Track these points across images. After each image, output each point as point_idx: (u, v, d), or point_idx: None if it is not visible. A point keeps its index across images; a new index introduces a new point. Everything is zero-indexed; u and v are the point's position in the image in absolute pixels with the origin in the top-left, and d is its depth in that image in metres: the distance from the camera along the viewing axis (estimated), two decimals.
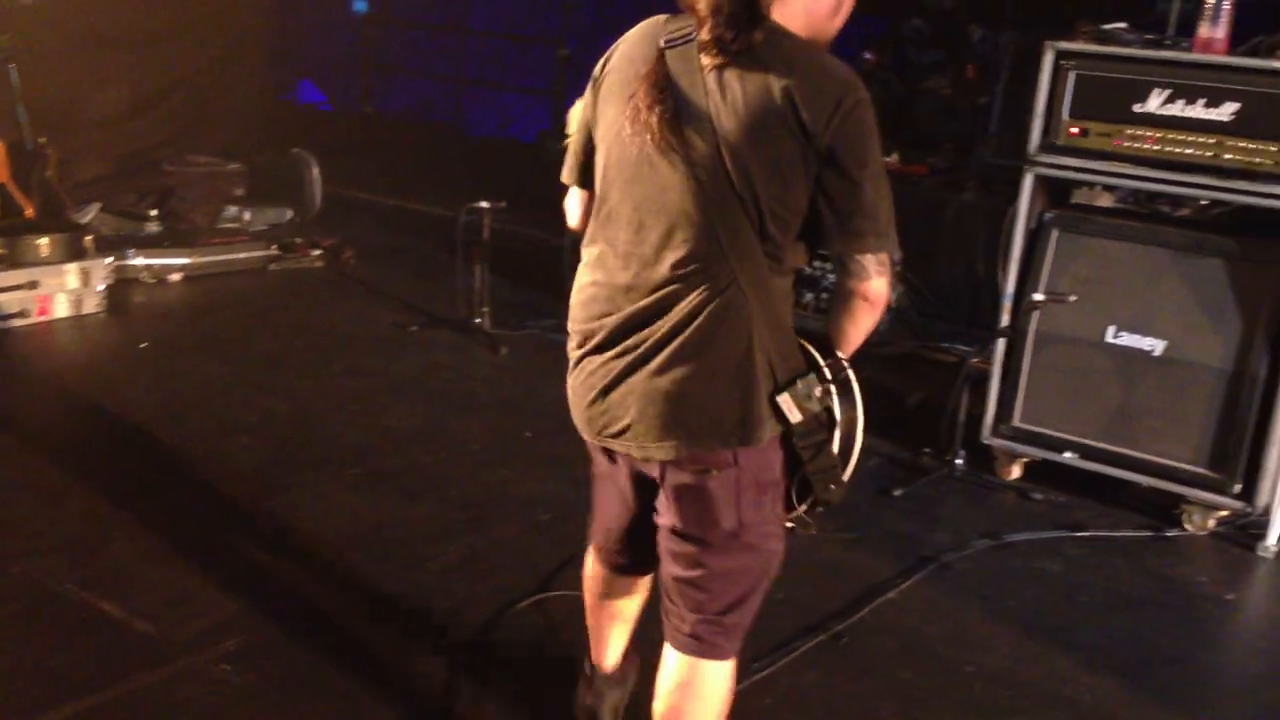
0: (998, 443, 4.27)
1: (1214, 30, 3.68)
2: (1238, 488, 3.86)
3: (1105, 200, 4.40)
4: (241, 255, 6.15)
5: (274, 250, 6.26)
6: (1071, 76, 3.88)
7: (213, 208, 6.40)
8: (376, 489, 3.89)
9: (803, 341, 2.09)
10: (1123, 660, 3.22)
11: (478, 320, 5.36)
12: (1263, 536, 3.87)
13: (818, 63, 1.95)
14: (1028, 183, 4.04)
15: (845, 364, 2.09)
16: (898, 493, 4.12)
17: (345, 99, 10.53)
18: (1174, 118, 3.75)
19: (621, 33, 2.13)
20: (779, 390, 2.00)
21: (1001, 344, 4.18)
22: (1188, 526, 3.98)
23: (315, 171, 6.89)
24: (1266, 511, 3.86)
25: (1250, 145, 3.64)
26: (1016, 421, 4.22)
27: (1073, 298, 3.98)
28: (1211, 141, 3.70)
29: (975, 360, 4.31)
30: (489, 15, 10.20)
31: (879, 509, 4.02)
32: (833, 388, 2.06)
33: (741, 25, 1.91)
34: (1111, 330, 4.00)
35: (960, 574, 3.63)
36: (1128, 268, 3.97)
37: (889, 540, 3.81)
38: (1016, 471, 4.31)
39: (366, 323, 5.59)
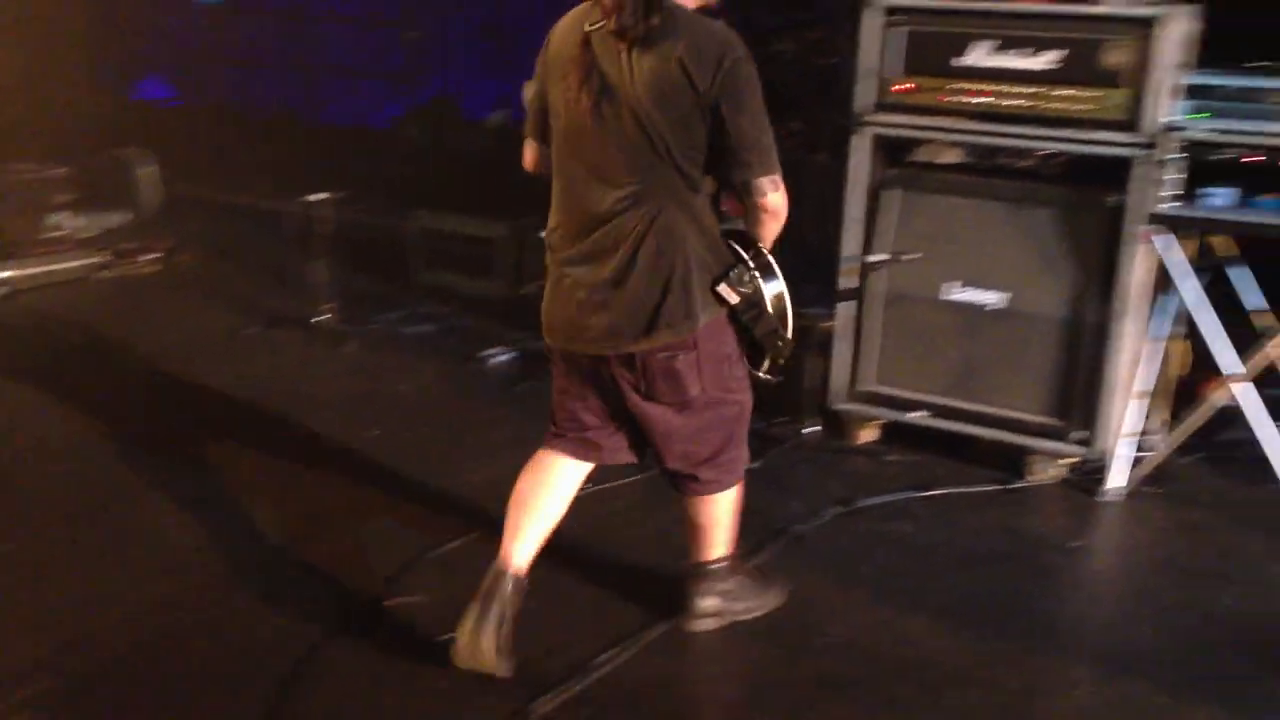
0: (849, 407, 4.24)
1: None
2: (1080, 435, 3.88)
3: (951, 156, 4.38)
4: (68, 265, 5.83)
5: (105, 257, 5.94)
6: (897, 32, 3.83)
7: (33, 216, 6.05)
8: (209, 504, 3.69)
9: (730, 241, 2.67)
10: (972, 618, 3.20)
11: (322, 317, 5.16)
12: (1104, 481, 3.90)
13: (702, 30, 2.51)
14: (861, 142, 4.00)
15: (765, 251, 2.67)
16: (751, 466, 4.04)
17: (197, 94, 10.11)
18: (999, 69, 3.73)
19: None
20: (716, 282, 2.62)
21: (846, 306, 4.14)
22: (1035, 477, 4.00)
23: (149, 171, 6.56)
24: (1108, 456, 3.89)
25: (1072, 93, 3.64)
26: (867, 385, 4.20)
27: (910, 256, 3.95)
28: (1035, 91, 3.69)
29: (823, 324, 4.25)
30: (339, 1, 9.87)
31: None
32: (757, 272, 2.64)
33: (639, 17, 2.46)
34: (954, 286, 3.98)
35: (812, 545, 3.58)
36: (966, 223, 3.95)
37: (741, 515, 3.73)
38: (872, 435, 4.29)
39: (202, 328, 5.35)
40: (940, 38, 3.78)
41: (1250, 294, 4.01)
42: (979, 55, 3.74)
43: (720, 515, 2.97)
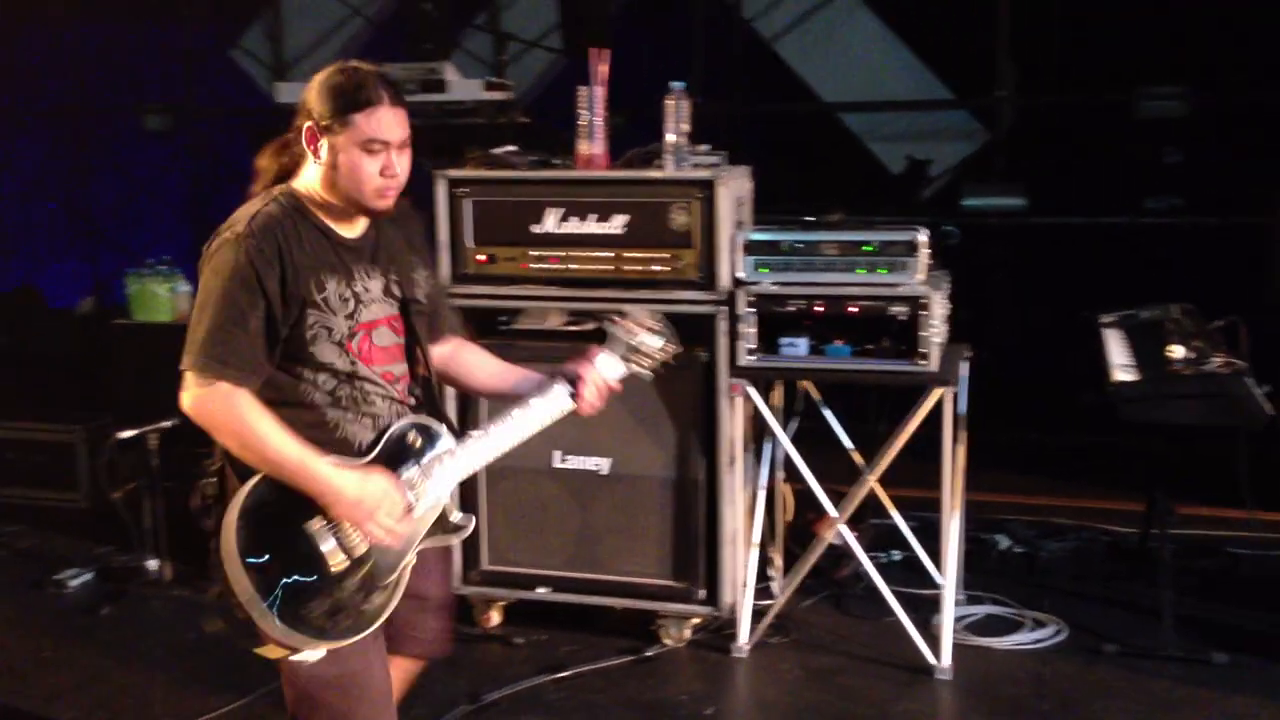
0: (469, 590, 3.98)
1: (592, 146, 3.69)
2: (702, 593, 3.82)
3: (556, 321, 4.29)
4: None
5: None
6: (468, 204, 3.75)
7: None
8: None
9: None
10: None
11: None
12: (734, 637, 3.84)
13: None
14: None
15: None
16: None
17: None
18: (572, 235, 3.71)
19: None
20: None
21: None
22: (667, 641, 3.88)
23: None
24: (734, 611, 3.85)
25: (643, 254, 3.66)
26: (485, 565, 3.97)
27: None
28: (609, 254, 3.68)
29: None
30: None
31: None
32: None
33: None
34: (558, 455, 3.86)
35: None
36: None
37: None
38: (496, 618, 4.05)
39: None
40: (510, 206, 3.74)
41: (841, 434, 4.14)
42: (553, 222, 3.70)
43: None
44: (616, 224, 3.66)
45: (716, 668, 3.79)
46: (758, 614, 3.89)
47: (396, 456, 2.35)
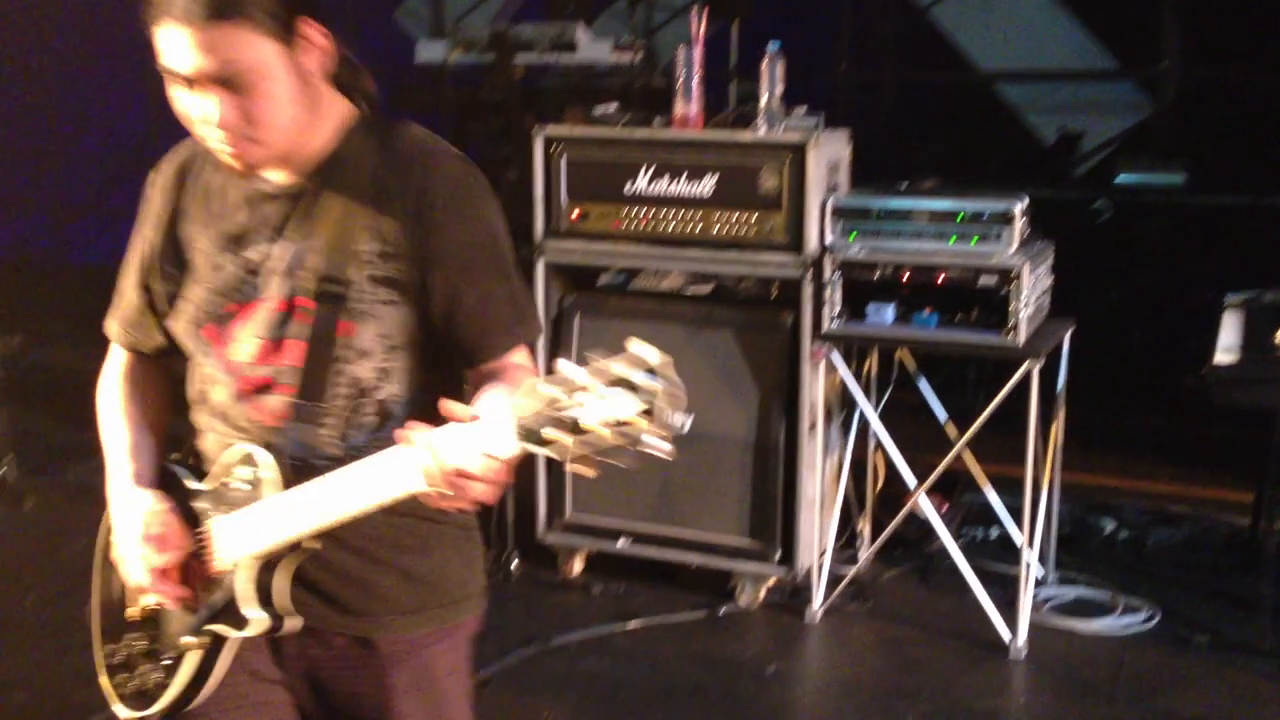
0: (555, 539, 4.11)
1: (687, 106, 3.72)
2: (778, 555, 3.84)
3: (675, 282, 4.35)
4: None
5: None
6: (564, 161, 3.83)
7: None
8: None
9: None
10: None
11: None
12: (809, 601, 3.85)
13: None
14: (538, 270, 3.95)
15: None
16: None
17: None
18: (662, 194, 3.75)
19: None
20: None
21: None
22: (741, 600, 3.92)
23: None
24: (809, 575, 3.86)
25: (732, 216, 3.68)
26: (569, 514, 4.08)
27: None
28: (698, 215, 3.71)
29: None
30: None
31: None
32: None
33: None
34: None
35: (496, 689, 3.40)
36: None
37: None
38: (578, 566, 4.16)
39: None
40: (604, 165, 3.79)
41: (936, 406, 4.08)
42: (645, 181, 3.75)
43: None
44: (706, 184, 3.69)
45: (787, 629, 3.81)
46: (836, 580, 3.89)
47: (173, 488, 1.73)
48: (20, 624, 3.74)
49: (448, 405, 1.40)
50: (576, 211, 3.85)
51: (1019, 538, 4.01)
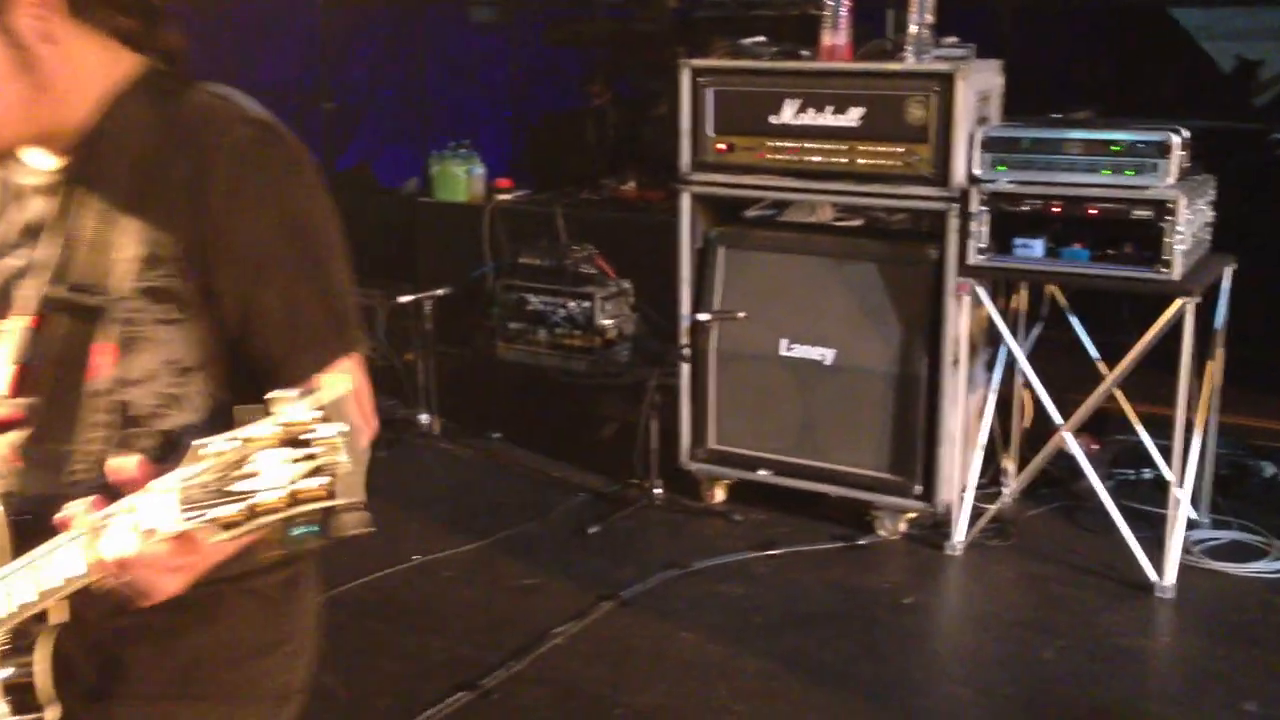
0: (695, 467, 4.20)
1: (835, 37, 3.70)
2: (919, 489, 3.85)
3: (827, 215, 4.38)
4: None
5: None
6: (710, 93, 3.86)
7: None
8: None
9: None
10: (784, 681, 3.15)
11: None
12: (949, 535, 3.86)
13: None
14: (684, 202, 4.00)
15: None
16: (593, 530, 4.01)
17: None
18: (808, 126, 3.75)
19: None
20: None
21: (685, 366, 4.13)
22: (881, 532, 3.95)
23: None
24: (949, 509, 3.86)
25: (878, 148, 3.65)
26: (712, 443, 4.17)
27: (741, 314, 3.94)
28: (844, 148, 3.70)
29: (653, 383, 4.20)
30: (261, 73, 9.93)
31: (568, 550, 3.91)
32: None
33: None
34: (785, 343, 3.97)
35: (637, 609, 3.53)
36: (793, 279, 3.95)
37: (571, 581, 3.69)
38: (720, 495, 4.25)
39: None
40: (750, 97, 3.81)
41: (1088, 342, 4.00)
42: (789, 113, 3.76)
43: None
44: (853, 116, 3.67)
45: (926, 562, 3.83)
46: (978, 516, 3.88)
47: None
48: None
49: (113, 466, 1.12)
50: (723, 144, 3.88)
51: (1172, 477, 3.92)
